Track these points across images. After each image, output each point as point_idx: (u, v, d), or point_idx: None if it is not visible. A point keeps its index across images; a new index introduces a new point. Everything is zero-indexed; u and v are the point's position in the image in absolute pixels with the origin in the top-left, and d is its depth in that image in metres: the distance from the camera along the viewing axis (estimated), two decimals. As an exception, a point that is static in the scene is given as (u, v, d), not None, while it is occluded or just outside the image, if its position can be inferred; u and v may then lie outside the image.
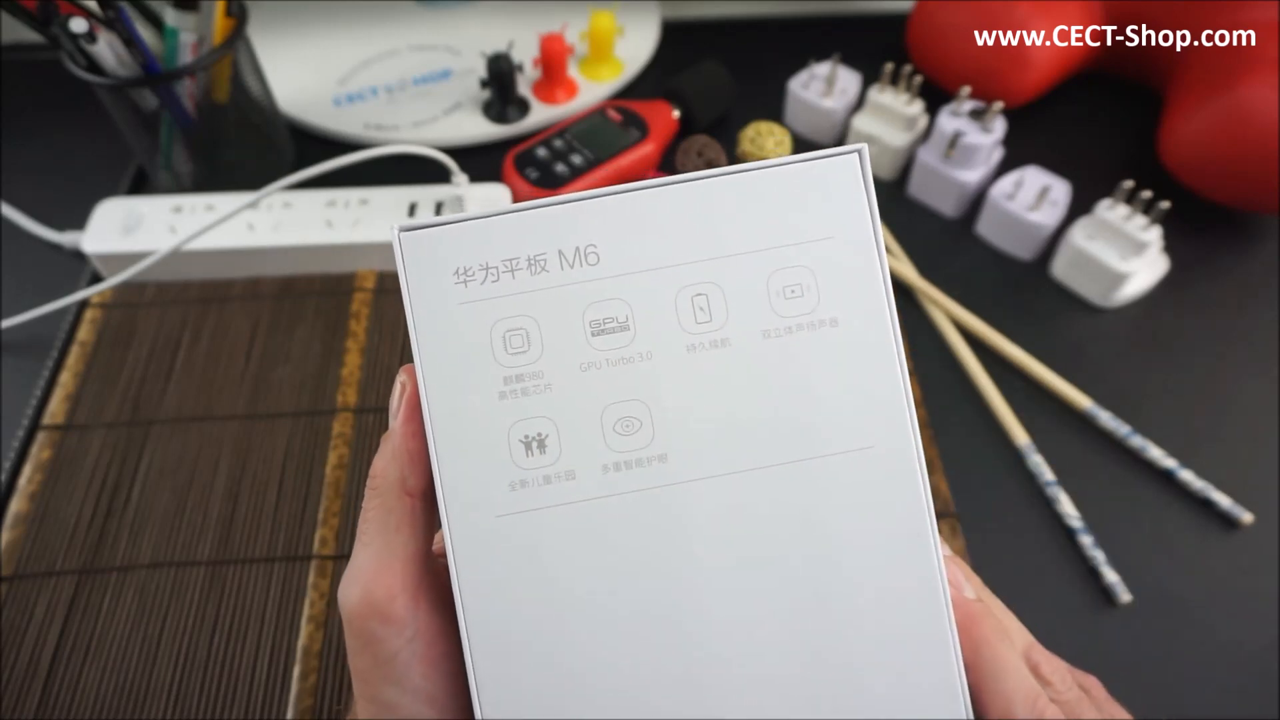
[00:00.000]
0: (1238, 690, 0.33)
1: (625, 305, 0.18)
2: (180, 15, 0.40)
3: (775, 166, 0.19)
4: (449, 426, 0.18)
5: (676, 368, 0.18)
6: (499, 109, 0.51)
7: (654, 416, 0.18)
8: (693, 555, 0.18)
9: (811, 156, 0.19)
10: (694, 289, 0.18)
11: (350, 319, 0.43)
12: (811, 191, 0.19)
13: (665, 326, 0.18)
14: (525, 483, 0.18)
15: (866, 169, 0.19)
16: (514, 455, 0.18)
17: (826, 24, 0.59)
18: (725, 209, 0.18)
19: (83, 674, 0.33)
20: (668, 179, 0.19)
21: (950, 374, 0.42)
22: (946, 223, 0.48)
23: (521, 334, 0.18)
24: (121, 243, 0.43)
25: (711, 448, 0.18)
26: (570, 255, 0.18)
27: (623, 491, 0.18)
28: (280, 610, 0.34)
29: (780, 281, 0.18)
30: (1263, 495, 0.37)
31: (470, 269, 0.18)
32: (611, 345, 0.18)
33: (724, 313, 0.18)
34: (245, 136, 0.48)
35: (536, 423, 0.18)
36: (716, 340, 0.18)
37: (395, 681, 0.18)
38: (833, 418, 0.18)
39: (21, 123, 0.54)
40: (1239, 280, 0.45)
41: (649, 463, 0.18)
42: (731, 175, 0.19)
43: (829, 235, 0.18)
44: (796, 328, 0.18)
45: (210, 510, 0.37)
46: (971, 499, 0.37)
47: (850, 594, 0.18)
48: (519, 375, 0.18)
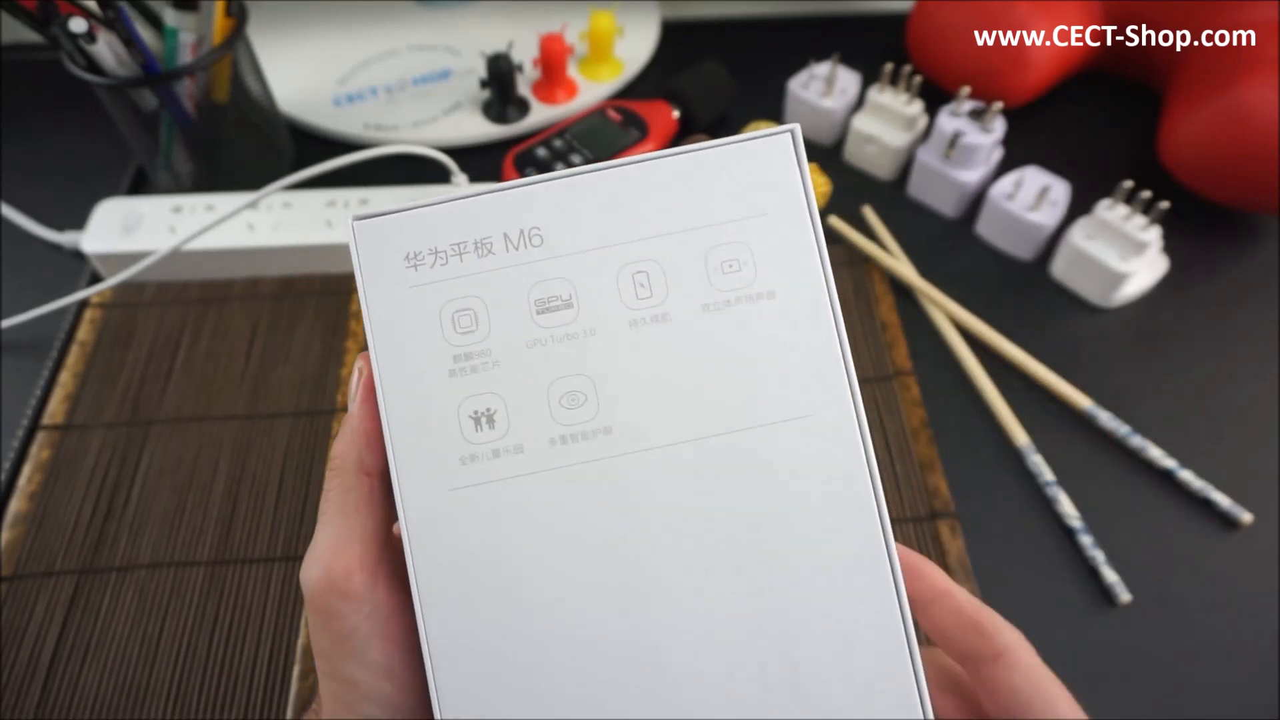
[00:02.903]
0: (1238, 690, 0.33)
1: (569, 284, 0.19)
2: (180, 15, 0.40)
3: (711, 148, 0.19)
4: (401, 404, 0.19)
5: (619, 342, 0.19)
6: (499, 109, 0.51)
7: (598, 390, 0.19)
8: (640, 525, 0.18)
9: (746, 137, 0.19)
10: (635, 266, 0.19)
11: (350, 319, 0.43)
12: (747, 170, 0.19)
13: (607, 303, 0.19)
14: (475, 457, 0.18)
15: (799, 146, 0.19)
16: (464, 430, 0.18)
17: (826, 24, 0.59)
18: (664, 189, 0.19)
19: (82, 673, 0.33)
20: (607, 163, 0.19)
21: (950, 374, 0.42)
22: (946, 223, 0.48)
23: (470, 314, 0.19)
24: (121, 243, 0.43)
25: (655, 419, 0.19)
26: (515, 238, 0.19)
27: (569, 464, 0.18)
28: (280, 610, 0.34)
29: (718, 257, 0.19)
30: (1263, 495, 0.37)
31: (420, 253, 0.19)
32: (556, 323, 0.19)
33: (664, 288, 0.19)
34: (245, 136, 0.48)
35: (485, 399, 0.19)
36: (657, 315, 0.19)
37: (355, 656, 0.18)
38: (773, 387, 0.19)
39: (21, 123, 0.54)
40: (1239, 280, 0.45)
41: (594, 435, 0.19)
42: (669, 157, 0.19)
43: (764, 212, 0.19)
44: (735, 300, 0.19)
45: (210, 510, 0.37)
46: (971, 499, 0.37)
47: (797, 560, 0.18)
48: (468, 354, 0.19)
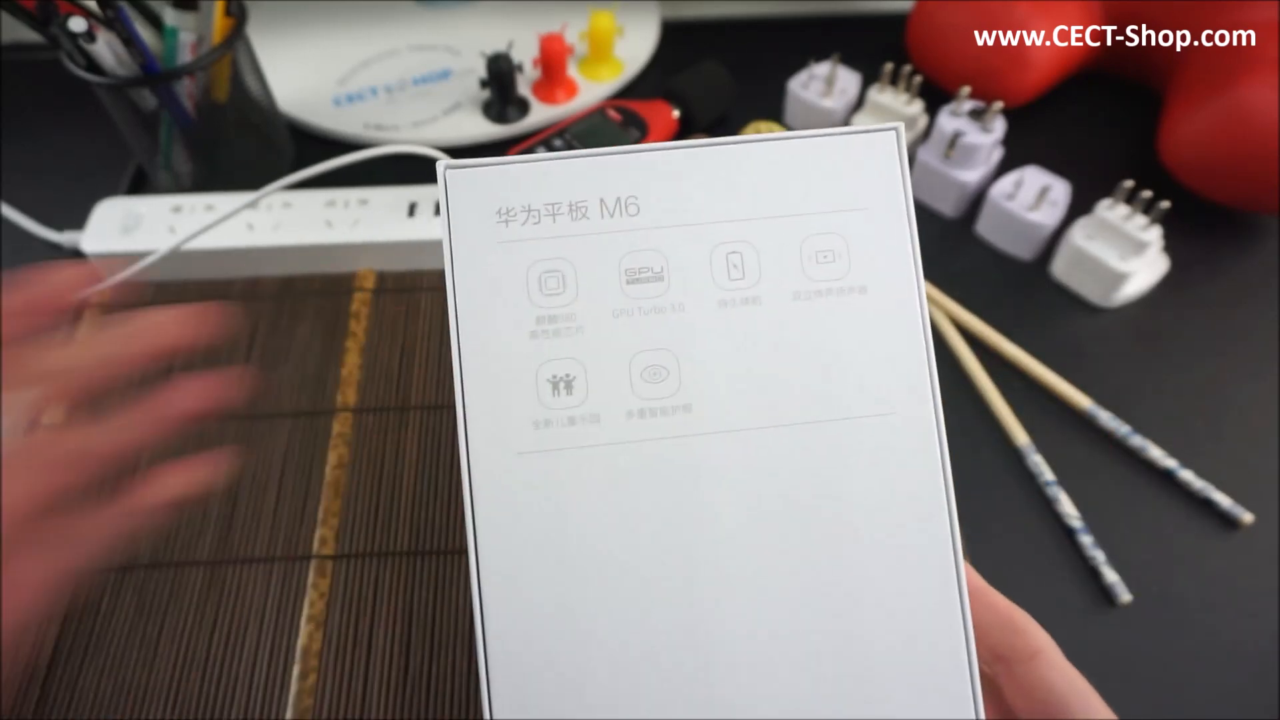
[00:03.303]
0: (1238, 690, 0.33)
1: (661, 256, 0.19)
2: (179, 15, 0.40)
3: (815, 137, 0.19)
4: (477, 360, 0.18)
5: (707, 321, 0.19)
6: (499, 109, 0.51)
7: (681, 367, 0.18)
8: (709, 506, 0.18)
9: (850, 130, 0.19)
10: (729, 247, 0.19)
11: (350, 319, 0.43)
12: (849, 163, 0.19)
13: (699, 280, 0.19)
14: (550, 422, 0.18)
15: (902, 146, 0.19)
16: (540, 394, 0.18)
17: (826, 24, 0.59)
18: (764, 173, 0.19)
19: (81, 674, 0.33)
20: (711, 140, 0.19)
21: (950, 374, 0.42)
22: (946, 223, 0.48)
23: (558, 276, 0.18)
24: (121, 242, 0.43)
25: (735, 402, 0.18)
26: (611, 204, 0.19)
27: (645, 438, 0.18)
28: (279, 610, 0.34)
29: (813, 246, 0.19)
30: (1263, 495, 0.37)
31: (513, 209, 0.19)
32: (645, 294, 0.19)
33: (757, 272, 0.19)
34: (245, 136, 0.48)
35: (565, 364, 0.18)
36: (748, 298, 0.19)
37: None
38: (856, 382, 0.18)
39: (21, 123, 0.54)
40: (1239, 280, 0.45)
41: (673, 411, 0.18)
42: (772, 141, 0.19)
43: (863, 206, 0.19)
44: (826, 291, 0.19)
45: (209, 510, 0.37)
46: (971, 499, 0.37)
47: (863, 556, 0.18)
48: (552, 316, 0.18)
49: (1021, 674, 0.19)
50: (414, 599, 0.34)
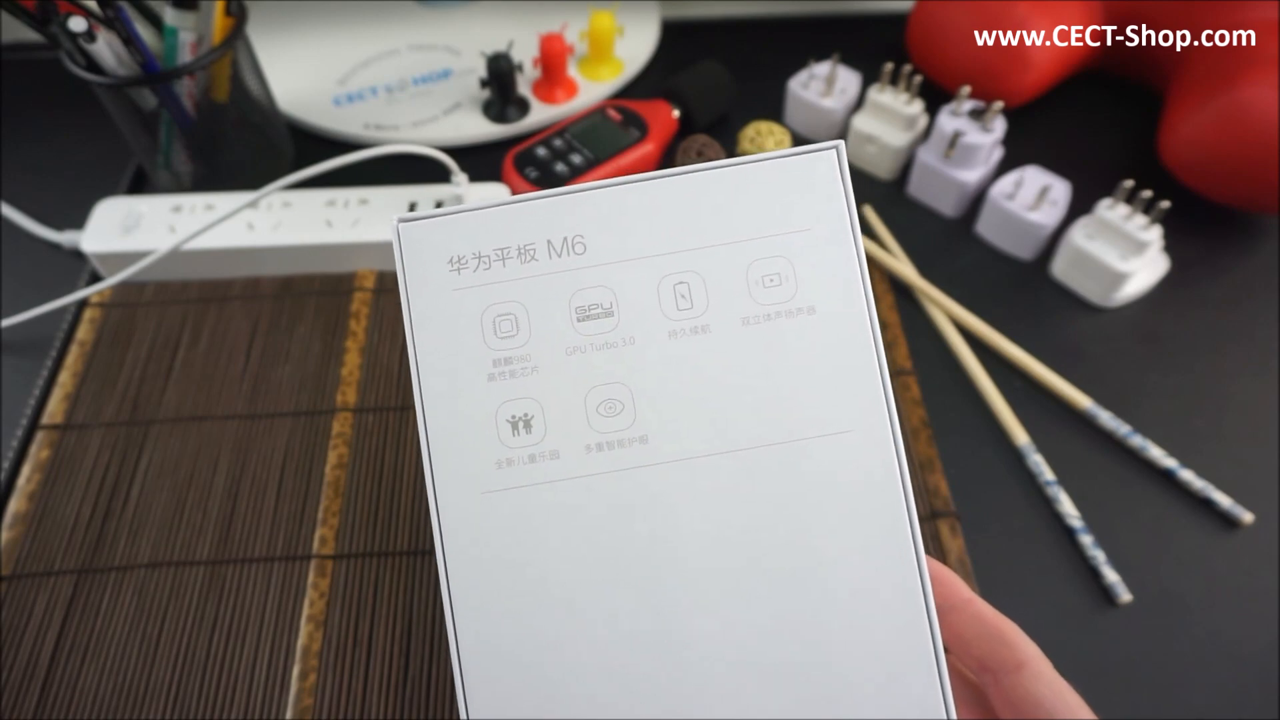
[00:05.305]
0: (1238, 690, 0.33)
1: (610, 292, 0.19)
2: (179, 14, 0.40)
3: (755, 162, 0.19)
4: (439, 406, 0.19)
5: (658, 353, 0.19)
6: (499, 109, 0.51)
7: (636, 399, 0.19)
8: (672, 534, 0.18)
9: (790, 152, 0.19)
10: (676, 278, 0.19)
11: (350, 318, 0.43)
12: (791, 185, 0.19)
13: (648, 313, 0.19)
14: (511, 461, 0.18)
15: (843, 163, 0.19)
16: (501, 434, 0.19)
17: (826, 24, 0.59)
18: (706, 202, 0.19)
19: (81, 674, 0.33)
20: (652, 174, 0.19)
21: (950, 374, 0.42)
22: (946, 223, 0.48)
23: (511, 319, 0.19)
24: (121, 242, 0.43)
25: (691, 430, 0.19)
26: (558, 245, 0.19)
27: (604, 471, 0.19)
28: (279, 610, 0.34)
29: (760, 271, 0.19)
30: (1263, 495, 0.37)
31: (463, 257, 0.19)
32: (596, 330, 0.19)
33: (705, 300, 0.19)
34: (245, 136, 0.48)
35: (523, 404, 0.19)
36: (697, 326, 0.19)
37: None
38: (811, 402, 0.19)
39: (21, 122, 0.54)
40: (1239, 280, 0.45)
41: (630, 443, 0.19)
42: (713, 170, 0.19)
43: (807, 227, 0.19)
44: (775, 315, 0.19)
45: (209, 510, 0.37)
46: (971, 499, 0.37)
47: (827, 576, 0.18)
48: (508, 358, 0.19)
49: (1008, 685, 0.19)
50: (414, 599, 0.34)
